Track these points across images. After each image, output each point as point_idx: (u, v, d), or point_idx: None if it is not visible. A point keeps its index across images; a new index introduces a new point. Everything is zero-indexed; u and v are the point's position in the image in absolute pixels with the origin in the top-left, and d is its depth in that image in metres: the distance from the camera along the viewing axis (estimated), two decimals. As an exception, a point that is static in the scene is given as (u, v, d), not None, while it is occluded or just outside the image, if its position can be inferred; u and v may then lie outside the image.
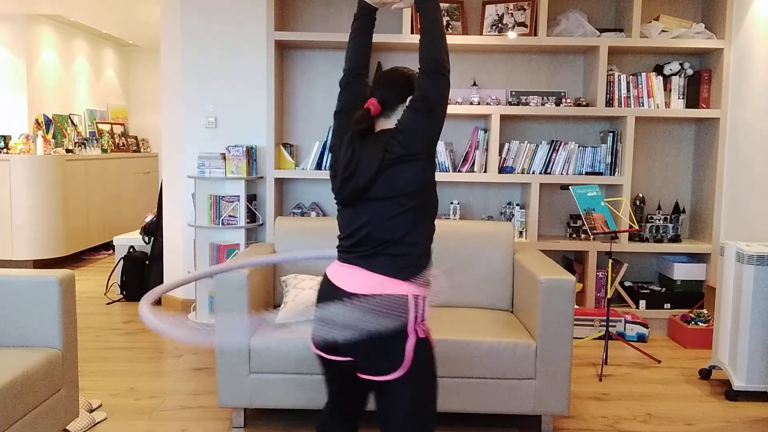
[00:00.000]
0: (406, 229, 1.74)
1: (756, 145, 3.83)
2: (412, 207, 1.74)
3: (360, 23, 1.94)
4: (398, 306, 1.71)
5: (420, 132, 1.72)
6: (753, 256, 3.09)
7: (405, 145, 1.71)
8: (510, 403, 2.70)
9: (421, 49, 1.77)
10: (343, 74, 1.95)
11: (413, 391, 1.74)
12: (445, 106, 1.78)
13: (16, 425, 2.16)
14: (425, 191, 1.76)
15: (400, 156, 1.71)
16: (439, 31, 1.78)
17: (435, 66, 1.74)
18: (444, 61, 1.75)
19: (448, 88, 1.77)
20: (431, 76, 1.74)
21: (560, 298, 2.67)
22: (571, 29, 4.18)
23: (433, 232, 1.83)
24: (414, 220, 1.75)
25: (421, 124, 1.73)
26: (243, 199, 4.20)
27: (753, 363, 3.12)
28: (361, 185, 1.75)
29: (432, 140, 1.75)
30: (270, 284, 3.16)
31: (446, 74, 1.75)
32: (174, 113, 4.54)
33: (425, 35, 1.77)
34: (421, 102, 1.73)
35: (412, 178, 1.73)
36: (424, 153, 1.73)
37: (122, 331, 4.20)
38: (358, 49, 1.94)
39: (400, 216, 1.74)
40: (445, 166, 4.21)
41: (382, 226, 1.75)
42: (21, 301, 2.44)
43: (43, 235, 5.88)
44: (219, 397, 2.74)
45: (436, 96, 1.74)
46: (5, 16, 6.48)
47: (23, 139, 5.97)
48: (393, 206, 1.74)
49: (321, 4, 4.37)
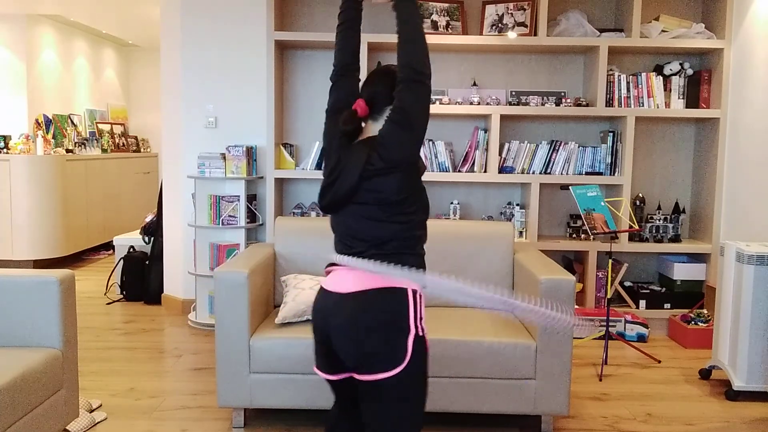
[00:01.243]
0: (395, 233, 1.72)
1: (756, 145, 3.83)
2: (399, 213, 1.72)
3: (345, 17, 1.88)
4: (397, 298, 1.69)
5: (399, 145, 1.68)
6: (753, 256, 3.09)
7: (385, 158, 1.68)
8: (510, 403, 2.70)
9: (398, 55, 1.70)
10: (332, 71, 1.91)
11: (406, 390, 1.71)
12: (425, 116, 1.71)
13: (16, 425, 2.16)
14: (411, 197, 1.73)
15: (381, 169, 1.69)
16: (416, 35, 1.70)
17: (412, 74, 1.68)
18: (422, 68, 1.68)
19: (428, 97, 1.70)
20: (409, 86, 1.68)
21: (560, 298, 2.67)
22: (571, 29, 4.18)
23: (425, 233, 1.80)
24: (402, 225, 1.72)
25: (400, 137, 1.68)
26: (243, 199, 4.20)
27: (753, 363, 3.12)
28: (341, 194, 1.73)
29: (412, 151, 1.70)
30: (270, 284, 3.16)
31: (425, 82, 1.69)
32: (174, 113, 4.54)
33: (401, 39, 1.71)
34: (399, 113, 1.68)
35: (396, 188, 1.70)
36: (405, 163, 1.70)
37: (122, 331, 4.20)
38: (344, 44, 1.88)
39: (387, 221, 1.71)
40: (445, 166, 4.21)
41: (369, 230, 1.72)
42: (21, 301, 2.44)
43: (43, 235, 5.88)
44: (219, 397, 2.74)
45: (415, 107, 1.68)
46: (5, 16, 6.48)
47: (23, 139, 5.97)
48: (377, 212, 1.71)
49: (321, 4, 4.37)
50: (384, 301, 1.70)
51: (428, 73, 1.70)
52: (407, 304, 1.70)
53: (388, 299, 1.70)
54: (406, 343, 1.68)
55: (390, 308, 1.69)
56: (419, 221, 1.77)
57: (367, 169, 1.69)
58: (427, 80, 1.70)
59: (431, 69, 1.70)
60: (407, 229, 1.73)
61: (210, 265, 4.23)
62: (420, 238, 1.78)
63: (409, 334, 1.69)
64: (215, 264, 4.21)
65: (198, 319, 4.27)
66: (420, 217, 1.77)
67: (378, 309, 1.69)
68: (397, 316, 1.69)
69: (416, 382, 1.72)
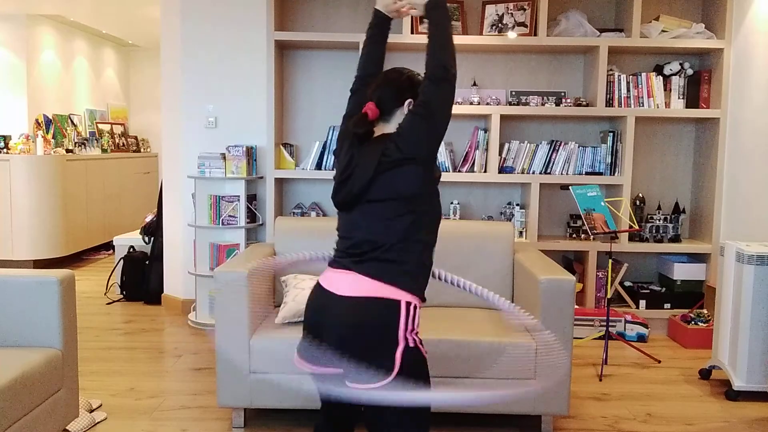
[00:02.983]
0: (402, 235, 1.72)
1: (756, 145, 3.83)
2: (409, 212, 1.72)
3: (373, 32, 1.96)
4: (388, 310, 1.69)
5: (418, 135, 1.70)
6: (753, 256, 3.09)
7: (402, 148, 1.70)
8: (510, 403, 2.70)
9: (428, 55, 1.75)
10: (354, 80, 1.97)
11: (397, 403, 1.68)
12: (448, 112, 1.75)
13: (16, 425, 2.16)
14: (423, 197, 1.74)
15: (397, 159, 1.70)
16: (446, 37, 1.75)
17: (441, 72, 1.72)
18: (451, 67, 1.73)
19: (452, 95, 1.74)
20: (435, 83, 1.72)
21: (560, 298, 2.67)
22: (571, 29, 4.18)
23: (433, 241, 1.79)
24: (410, 226, 1.72)
25: (421, 127, 1.71)
26: (243, 199, 4.20)
27: (753, 363, 3.12)
28: (356, 189, 1.74)
29: (431, 146, 1.72)
30: (270, 284, 3.16)
31: (451, 81, 1.73)
32: (174, 113, 4.54)
33: (433, 41, 1.76)
34: (422, 107, 1.71)
35: (410, 182, 1.71)
36: (421, 158, 1.71)
37: (122, 331, 4.20)
38: (370, 57, 1.97)
39: (396, 219, 1.71)
40: (445, 166, 4.21)
41: (377, 229, 1.72)
42: (21, 301, 2.44)
43: (43, 235, 5.88)
44: (219, 397, 2.74)
45: (439, 102, 1.72)
46: (5, 16, 6.48)
47: (23, 139, 5.97)
48: (388, 209, 1.72)
49: (321, 4, 4.37)
50: (375, 311, 1.69)
51: (455, 73, 1.75)
52: (398, 317, 1.69)
53: (380, 310, 1.69)
54: (394, 356, 1.67)
55: (380, 320, 1.69)
56: (428, 224, 1.76)
57: (382, 162, 1.70)
58: (454, 80, 1.74)
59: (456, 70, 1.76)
60: (414, 230, 1.73)
61: (210, 265, 4.23)
62: (426, 245, 1.77)
63: (397, 347, 1.68)
64: (215, 264, 4.21)
65: (198, 319, 4.28)
66: (429, 219, 1.77)
67: (368, 319, 1.69)
68: (386, 328, 1.68)
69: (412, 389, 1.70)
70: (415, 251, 1.74)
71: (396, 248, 1.72)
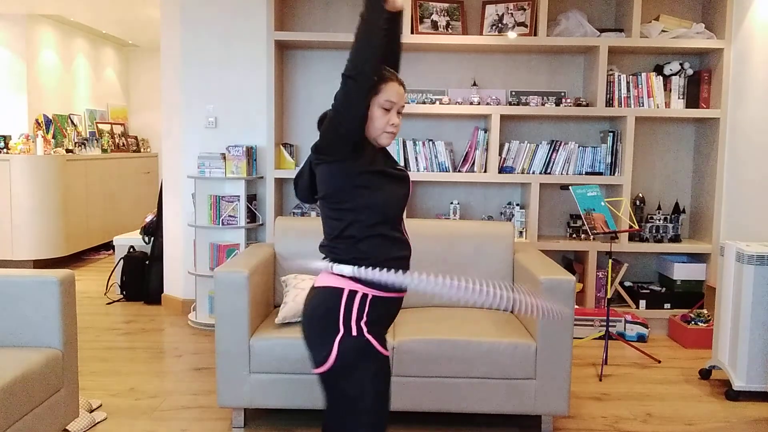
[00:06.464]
0: (337, 231, 1.77)
1: (756, 145, 3.83)
2: (337, 209, 1.77)
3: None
4: (331, 297, 1.74)
5: (324, 133, 1.75)
6: (753, 256, 3.09)
7: (313, 147, 1.78)
8: (510, 403, 2.70)
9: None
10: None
11: (344, 387, 1.72)
12: (353, 111, 1.69)
13: (16, 425, 2.16)
14: (345, 192, 1.74)
15: (315, 158, 1.79)
16: (359, 33, 1.70)
17: (347, 69, 1.68)
18: (357, 65, 1.67)
19: (358, 94, 1.67)
20: (342, 80, 1.69)
21: (560, 298, 2.67)
22: (571, 29, 4.18)
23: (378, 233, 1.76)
24: (340, 222, 1.76)
25: (326, 126, 1.74)
26: (243, 199, 4.20)
27: (753, 363, 3.12)
28: (302, 185, 1.90)
29: (331, 141, 1.72)
30: (270, 284, 3.16)
31: (357, 79, 1.66)
32: (174, 113, 4.54)
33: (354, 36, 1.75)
34: (333, 106, 1.72)
35: (324, 181, 1.77)
36: (325, 153, 1.75)
37: (122, 331, 4.20)
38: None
39: (330, 215, 1.79)
40: (445, 166, 4.21)
41: (323, 224, 1.83)
42: (21, 301, 2.44)
43: (43, 235, 5.88)
44: (219, 397, 2.74)
45: (341, 100, 1.69)
46: (5, 16, 6.48)
47: (23, 139, 5.97)
48: (323, 206, 1.81)
49: (321, 4, 4.37)
50: (319, 298, 1.78)
51: (364, 71, 1.67)
52: (339, 304, 1.73)
53: (323, 297, 1.77)
54: (332, 342, 1.71)
55: (322, 306, 1.76)
56: (358, 222, 1.74)
57: (312, 161, 1.83)
58: (362, 78, 1.67)
59: (368, 70, 1.68)
60: (342, 228, 1.76)
61: (210, 265, 4.23)
62: (359, 241, 1.75)
63: (336, 334, 1.71)
64: (215, 264, 4.20)
65: (198, 319, 4.28)
66: (358, 218, 1.74)
67: (313, 305, 1.78)
68: (327, 314, 1.74)
69: (357, 381, 1.71)
70: (351, 244, 1.76)
71: (336, 242, 1.78)
